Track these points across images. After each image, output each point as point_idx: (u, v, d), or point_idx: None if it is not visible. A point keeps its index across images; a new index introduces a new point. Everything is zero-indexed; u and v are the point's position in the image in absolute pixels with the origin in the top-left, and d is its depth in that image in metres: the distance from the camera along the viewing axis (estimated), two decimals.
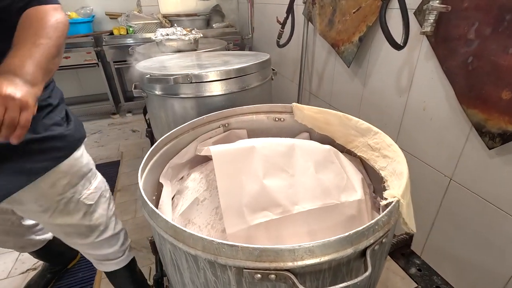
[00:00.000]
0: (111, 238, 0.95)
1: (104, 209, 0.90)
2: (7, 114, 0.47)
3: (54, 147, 0.70)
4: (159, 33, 1.90)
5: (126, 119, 2.98)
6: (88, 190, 0.84)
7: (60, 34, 0.60)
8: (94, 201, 0.85)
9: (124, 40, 2.70)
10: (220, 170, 0.57)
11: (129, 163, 2.14)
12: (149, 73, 1.06)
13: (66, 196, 0.78)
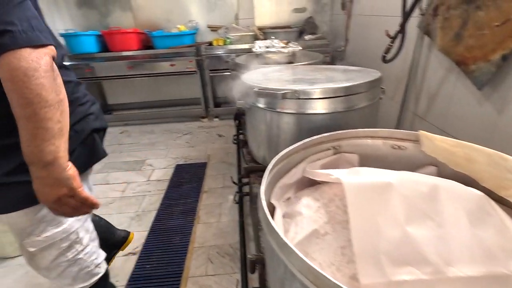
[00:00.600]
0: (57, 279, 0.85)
1: (52, 256, 0.79)
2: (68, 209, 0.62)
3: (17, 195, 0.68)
4: (257, 45, 1.96)
5: (213, 123, 3.18)
6: (36, 237, 0.74)
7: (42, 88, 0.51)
8: (37, 248, 0.76)
9: (220, 50, 2.90)
10: (354, 207, 0.50)
11: (215, 166, 2.25)
12: (257, 86, 1.08)
13: (16, 233, 0.75)
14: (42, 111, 0.51)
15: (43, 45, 0.52)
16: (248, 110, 1.25)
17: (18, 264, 1.44)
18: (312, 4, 3.09)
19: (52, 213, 0.63)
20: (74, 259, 0.84)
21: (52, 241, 0.77)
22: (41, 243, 0.76)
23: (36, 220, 0.73)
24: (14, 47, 0.48)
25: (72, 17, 3.07)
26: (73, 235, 0.81)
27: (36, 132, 0.52)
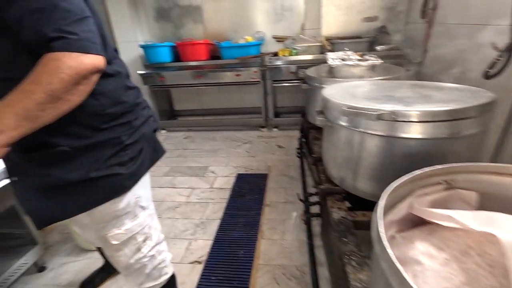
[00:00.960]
0: (133, 277, 0.96)
1: (131, 251, 0.90)
2: None
3: (100, 189, 0.76)
4: (330, 57, 1.88)
5: (272, 133, 3.16)
6: (118, 230, 0.85)
7: (57, 79, 0.57)
8: (120, 241, 0.86)
9: (286, 61, 2.88)
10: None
11: (276, 179, 2.21)
12: (345, 104, 1.00)
13: (97, 227, 0.83)
14: (38, 95, 0.57)
15: (89, 53, 0.61)
16: (327, 127, 1.18)
17: (98, 258, 1.57)
18: (385, 12, 2.90)
19: None
20: (149, 255, 0.94)
21: (131, 234, 0.87)
22: (123, 236, 0.85)
23: (117, 212, 0.82)
24: (64, 50, 0.58)
25: (150, 29, 3.36)
26: (146, 229, 0.91)
27: (16, 102, 0.57)
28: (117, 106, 0.76)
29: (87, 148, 0.72)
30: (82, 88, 0.63)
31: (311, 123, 1.92)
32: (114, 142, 0.76)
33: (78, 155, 0.71)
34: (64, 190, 0.73)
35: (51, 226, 1.82)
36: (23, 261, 1.36)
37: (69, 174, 0.71)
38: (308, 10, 3.03)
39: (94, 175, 0.73)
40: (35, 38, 0.58)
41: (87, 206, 0.77)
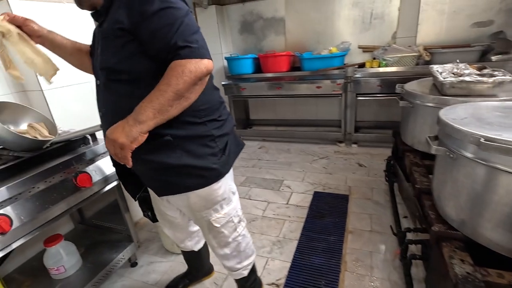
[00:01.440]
0: (232, 256, 1.11)
1: (229, 232, 1.05)
2: (113, 151, 0.77)
3: (200, 175, 0.89)
4: (436, 70, 1.63)
5: (351, 149, 2.94)
6: (218, 214, 0.99)
7: (183, 82, 0.71)
8: (221, 224, 1.00)
9: (373, 73, 2.66)
10: None
11: (359, 203, 2.02)
12: (483, 136, 0.81)
13: (201, 214, 0.98)
14: (169, 93, 0.71)
15: (204, 58, 0.73)
16: (447, 158, 0.98)
17: (181, 262, 1.64)
18: (504, 15, 2.43)
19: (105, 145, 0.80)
20: (242, 234, 1.09)
21: (228, 217, 1.02)
22: (222, 220, 1.00)
23: (217, 198, 0.96)
24: (189, 57, 0.71)
25: (234, 42, 3.51)
26: (239, 211, 1.07)
27: (154, 99, 0.72)
28: (208, 103, 0.88)
29: (185, 138, 0.85)
30: (197, 88, 0.76)
31: (409, 145, 1.69)
32: (206, 135, 0.88)
33: (177, 144, 0.85)
34: (168, 171, 0.88)
35: (142, 223, 2.00)
36: (121, 256, 1.50)
37: (169, 159, 0.85)
38: (402, 16, 2.75)
39: (190, 162, 0.87)
40: (166, 47, 0.72)
41: (190, 187, 0.91)
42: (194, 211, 0.99)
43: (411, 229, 1.32)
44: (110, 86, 0.83)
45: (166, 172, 0.88)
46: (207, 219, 0.99)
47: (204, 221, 1.01)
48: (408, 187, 1.48)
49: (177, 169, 0.87)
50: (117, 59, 0.78)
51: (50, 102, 1.46)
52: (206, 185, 0.92)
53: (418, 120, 1.58)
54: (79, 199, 1.20)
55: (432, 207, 1.14)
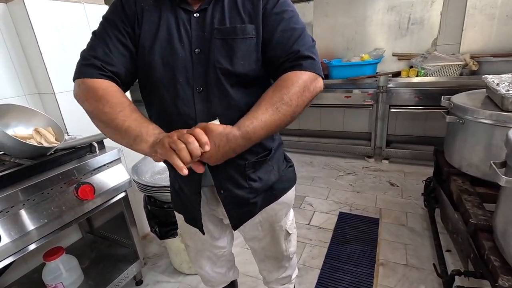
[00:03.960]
0: (292, 266, 1.01)
1: (294, 239, 0.97)
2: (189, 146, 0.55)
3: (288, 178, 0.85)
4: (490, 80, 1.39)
5: (381, 166, 2.69)
6: (289, 219, 0.92)
7: (302, 103, 0.63)
8: (292, 231, 0.93)
9: (409, 83, 2.41)
10: None
11: (391, 229, 1.78)
12: None
13: (280, 225, 0.88)
14: (287, 117, 0.62)
15: (320, 76, 0.67)
16: None
17: (188, 285, 1.49)
18: None
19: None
20: (296, 244, 0.99)
21: (294, 223, 0.95)
22: (292, 226, 0.93)
23: (292, 202, 0.90)
24: (310, 70, 0.64)
25: None
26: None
27: (270, 118, 0.61)
28: None
29: (277, 146, 0.82)
30: (307, 104, 0.66)
31: (455, 167, 1.45)
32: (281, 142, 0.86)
33: (275, 152, 0.80)
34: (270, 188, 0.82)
35: (151, 236, 1.89)
36: (125, 274, 1.38)
37: (271, 174, 0.80)
38: (445, 22, 2.49)
39: (284, 166, 0.85)
40: (285, 53, 0.65)
41: (285, 189, 0.85)
42: (275, 223, 0.88)
43: (462, 272, 1.08)
44: (220, 92, 0.67)
45: (268, 189, 0.81)
46: (284, 228, 0.91)
47: (281, 232, 0.91)
48: (457, 218, 1.24)
49: (278, 182, 0.82)
50: (235, 60, 0.66)
51: (62, 106, 1.39)
52: (293, 185, 0.88)
53: (469, 139, 1.34)
54: (79, 213, 1.10)
55: (494, 250, 0.91)
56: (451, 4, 2.44)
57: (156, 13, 0.67)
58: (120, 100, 0.63)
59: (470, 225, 1.04)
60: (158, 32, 0.66)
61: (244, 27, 0.66)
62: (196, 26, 0.67)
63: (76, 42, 1.42)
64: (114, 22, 0.67)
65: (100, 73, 0.64)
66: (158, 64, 0.66)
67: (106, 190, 1.19)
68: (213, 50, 0.65)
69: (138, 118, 0.62)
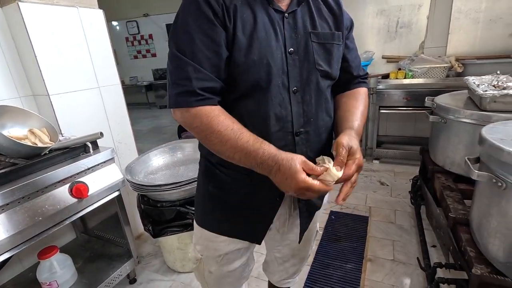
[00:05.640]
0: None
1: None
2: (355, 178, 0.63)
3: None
4: (471, 81, 1.46)
5: (372, 166, 2.74)
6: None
7: (367, 114, 0.77)
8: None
9: (398, 84, 2.48)
10: None
11: (380, 226, 1.83)
12: None
13: (316, 224, 0.95)
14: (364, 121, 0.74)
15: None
16: (492, 185, 0.81)
17: (182, 282, 1.52)
18: None
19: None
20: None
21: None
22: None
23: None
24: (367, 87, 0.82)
25: None
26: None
27: (362, 124, 0.72)
28: None
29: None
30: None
31: (439, 165, 1.50)
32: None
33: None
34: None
35: (145, 236, 1.91)
36: (119, 272, 1.40)
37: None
38: (432, 25, 2.56)
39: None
40: (358, 69, 0.79)
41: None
42: (313, 223, 0.91)
43: (443, 264, 1.13)
44: (317, 94, 0.69)
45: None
46: (317, 227, 0.99)
47: (315, 232, 0.97)
48: (439, 213, 1.29)
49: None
50: (333, 63, 0.71)
51: (56, 107, 1.42)
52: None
53: (451, 138, 1.40)
54: (74, 211, 1.13)
55: (470, 242, 0.96)
56: (437, 8, 2.51)
57: (248, 11, 0.62)
58: (224, 126, 0.59)
59: (450, 219, 1.09)
60: (256, 31, 0.62)
61: (338, 34, 0.70)
62: (287, 27, 0.66)
63: (71, 45, 1.45)
64: (200, 27, 0.60)
65: (196, 99, 0.60)
66: (257, 64, 0.62)
67: (100, 189, 1.22)
68: (312, 53, 0.66)
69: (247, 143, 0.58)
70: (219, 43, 0.60)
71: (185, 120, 0.62)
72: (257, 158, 0.57)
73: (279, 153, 0.57)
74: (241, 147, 0.58)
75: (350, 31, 0.76)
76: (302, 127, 0.67)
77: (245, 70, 0.61)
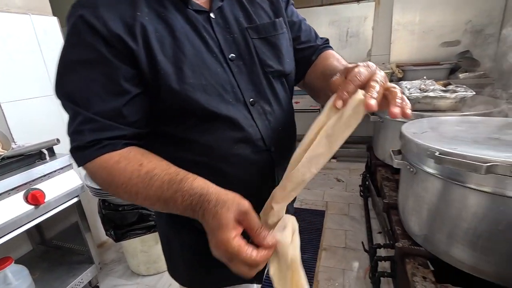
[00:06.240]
0: None
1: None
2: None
3: None
4: (404, 85, 1.67)
5: (331, 164, 2.95)
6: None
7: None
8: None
9: None
10: None
11: (335, 219, 1.99)
12: (438, 149, 0.81)
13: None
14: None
15: None
16: (408, 172, 0.98)
17: (146, 285, 1.54)
18: (470, 36, 2.56)
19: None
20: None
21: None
22: None
23: None
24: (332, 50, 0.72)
25: None
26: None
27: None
28: None
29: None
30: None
31: (380, 160, 1.70)
32: None
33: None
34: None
35: (109, 243, 1.89)
36: (80, 279, 1.39)
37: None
38: (376, 35, 2.85)
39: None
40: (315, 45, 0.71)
41: None
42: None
43: (381, 245, 1.29)
44: (275, 99, 0.59)
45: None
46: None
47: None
48: (379, 202, 1.46)
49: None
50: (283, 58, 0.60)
51: (8, 115, 1.39)
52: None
53: (388, 135, 1.59)
54: (30, 218, 1.12)
55: (398, 222, 1.12)
56: (380, 20, 2.80)
57: (161, 25, 0.48)
58: (127, 174, 0.45)
59: (385, 205, 1.26)
60: (179, 47, 0.49)
61: (280, 21, 0.60)
62: (218, 28, 0.53)
63: (24, 51, 1.43)
64: (89, 64, 0.46)
65: (91, 150, 0.47)
66: (196, 88, 0.49)
67: (57, 195, 1.23)
68: (255, 53, 0.55)
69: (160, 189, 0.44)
70: (117, 81, 0.46)
71: (91, 178, 0.50)
72: (178, 206, 0.42)
73: (207, 190, 0.41)
74: (154, 196, 0.44)
75: (288, 6, 0.66)
76: (272, 140, 0.57)
77: (186, 99, 0.49)
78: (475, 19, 2.51)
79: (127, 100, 0.47)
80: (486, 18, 2.48)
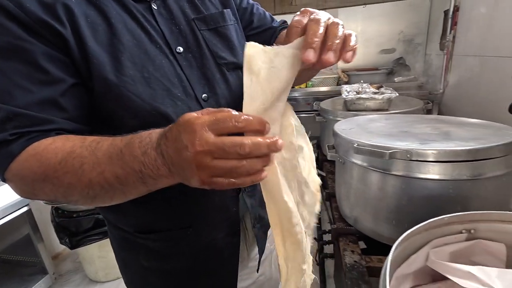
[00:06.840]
0: None
1: None
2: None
3: None
4: (345, 89, 1.87)
5: None
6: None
7: None
8: None
9: (301, 92, 2.91)
10: None
11: None
12: (357, 141, 0.97)
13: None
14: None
15: None
16: (339, 163, 1.14)
17: None
18: (403, 44, 2.90)
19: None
20: None
21: None
22: None
23: None
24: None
25: None
26: None
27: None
28: None
29: None
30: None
31: (325, 155, 1.88)
32: None
33: None
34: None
35: (64, 254, 1.84)
36: None
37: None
38: None
39: None
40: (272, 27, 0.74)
41: None
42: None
43: (327, 230, 1.45)
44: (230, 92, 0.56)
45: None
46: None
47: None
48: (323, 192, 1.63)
49: None
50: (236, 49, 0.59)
51: None
52: None
53: (329, 133, 1.77)
54: None
55: (336, 208, 1.28)
56: None
57: (93, 12, 0.43)
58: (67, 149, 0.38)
59: (326, 194, 1.42)
60: (117, 36, 0.44)
61: (228, 12, 0.58)
62: (161, 19, 0.50)
63: None
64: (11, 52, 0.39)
65: (18, 143, 0.39)
66: (137, 81, 0.44)
67: (4, 205, 1.20)
68: (205, 45, 0.53)
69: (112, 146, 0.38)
70: (44, 68, 0.40)
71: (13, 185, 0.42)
72: (136, 151, 0.36)
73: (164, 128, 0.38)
74: (105, 156, 0.37)
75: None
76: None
77: (125, 93, 0.44)
78: (406, 30, 2.86)
79: (63, 90, 0.41)
80: (415, 29, 2.84)
